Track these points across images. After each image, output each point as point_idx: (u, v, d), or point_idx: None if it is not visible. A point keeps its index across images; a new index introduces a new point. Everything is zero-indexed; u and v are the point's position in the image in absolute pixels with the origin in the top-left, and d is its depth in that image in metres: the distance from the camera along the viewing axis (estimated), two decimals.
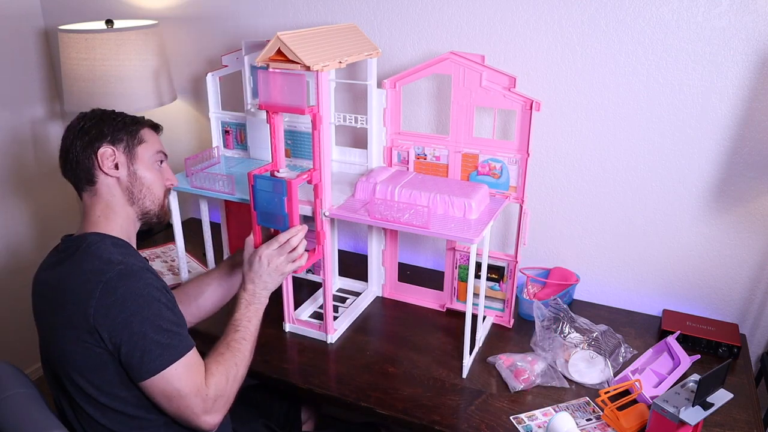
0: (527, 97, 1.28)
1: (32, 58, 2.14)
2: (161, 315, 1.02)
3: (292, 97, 1.19)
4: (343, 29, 1.34)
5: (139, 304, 1.00)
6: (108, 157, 1.14)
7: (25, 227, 2.23)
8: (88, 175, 1.15)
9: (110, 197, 1.16)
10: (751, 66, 1.29)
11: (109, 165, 1.14)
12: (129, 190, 1.17)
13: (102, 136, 1.15)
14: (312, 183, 1.27)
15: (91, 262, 1.04)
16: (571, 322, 1.35)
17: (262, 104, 1.22)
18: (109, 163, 1.14)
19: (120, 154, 1.16)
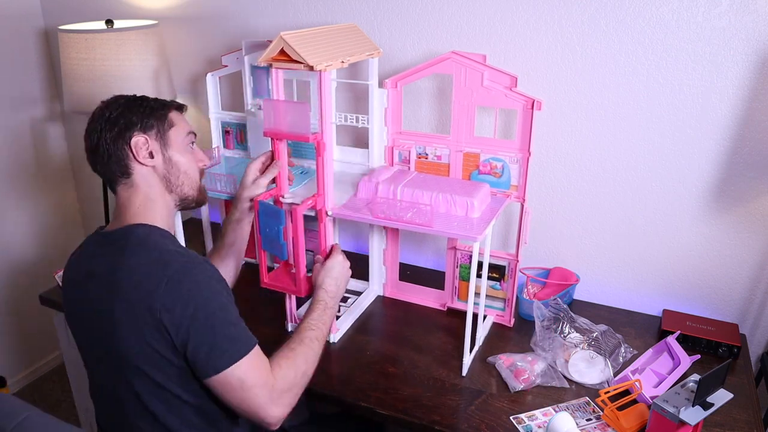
0: (529, 97, 1.28)
1: (32, 58, 2.14)
2: (227, 308, 1.01)
3: (296, 125, 1.20)
4: (344, 29, 1.34)
5: (206, 297, 0.98)
6: (142, 146, 1.09)
7: (25, 227, 2.23)
8: (122, 168, 1.09)
9: (148, 188, 1.11)
10: (751, 66, 1.29)
11: (143, 154, 1.09)
12: (166, 177, 1.12)
13: (132, 124, 1.09)
14: (317, 208, 1.28)
15: (149, 254, 1.01)
16: (571, 322, 1.35)
17: (266, 131, 1.23)
18: (143, 152, 1.09)
19: (153, 142, 1.10)
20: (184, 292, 0.97)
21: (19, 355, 2.33)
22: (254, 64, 1.55)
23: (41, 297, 1.61)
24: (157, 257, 1.00)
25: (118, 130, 1.08)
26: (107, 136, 1.08)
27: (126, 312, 0.98)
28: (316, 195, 1.27)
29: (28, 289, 2.27)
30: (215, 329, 0.98)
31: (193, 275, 0.99)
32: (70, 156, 2.32)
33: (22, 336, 2.31)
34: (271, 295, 1.62)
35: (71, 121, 2.26)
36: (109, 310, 1.00)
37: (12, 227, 2.19)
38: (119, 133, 1.08)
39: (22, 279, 2.26)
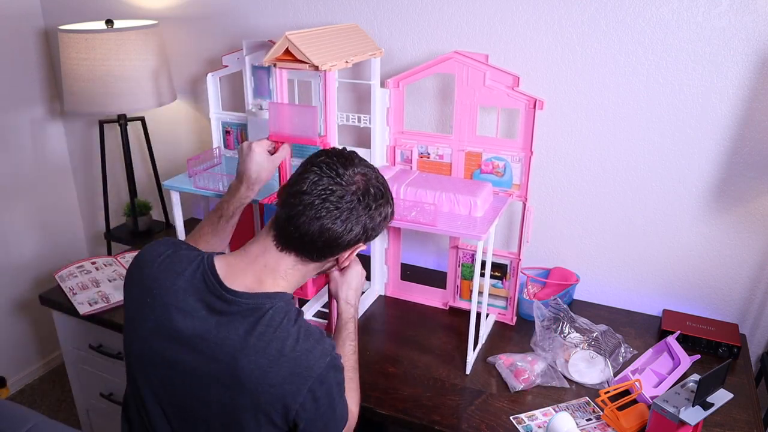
0: (531, 96, 1.28)
1: (32, 58, 2.14)
2: (342, 397, 0.97)
3: (303, 128, 1.19)
4: (345, 29, 1.35)
5: (341, 393, 0.96)
6: (352, 254, 1.02)
7: (25, 227, 2.23)
8: (325, 254, 0.97)
9: (313, 271, 1.02)
10: (751, 66, 1.30)
11: (345, 261, 1.03)
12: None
13: (367, 230, 0.97)
14: None
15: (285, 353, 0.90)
16: (571, 322, 1.35)
17: (272, 135, 1.22)
18: (347, 259, 1.03)
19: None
20: (324, 394, 0.92)
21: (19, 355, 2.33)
22: (255, 64, 1.55)
23: (41, 297, 1.61)
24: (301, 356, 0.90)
25: (371, 227, 0.97)
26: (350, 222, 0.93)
27: (245, 403, 0.90)
28: None
29: (28, 289, 2.27)
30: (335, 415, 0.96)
31: (334, 374, 0.94)
32: (70, 156, 2.31)
33: (22, 336, 2.31)
34: None
35: (71, 121, 2.26)
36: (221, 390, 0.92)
37: (12, 227, 2.19)
38: (357, 234, 0.96)
39: (22, 279, 2.26)
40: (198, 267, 0.96)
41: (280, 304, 0.94)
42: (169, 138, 2.08)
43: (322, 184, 0.93)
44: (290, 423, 0.93)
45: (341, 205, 0.93)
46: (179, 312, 0.93)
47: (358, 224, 0.95)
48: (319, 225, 0.92)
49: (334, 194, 0.93)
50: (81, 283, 1.62)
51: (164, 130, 2.08)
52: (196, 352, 0.92)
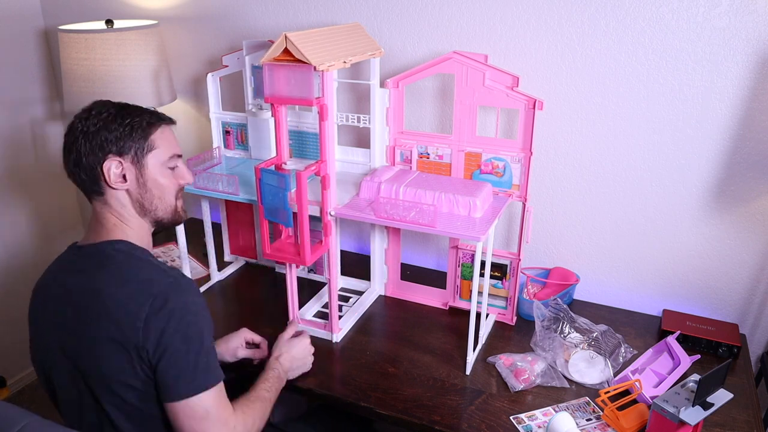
0: (530, 96, 1.28)
1: (32, 58, 2.14)
2: (203, 336, 0.99)
3: (300, 89, 1.18)
4: (346, 29, 1.35)
5: (188, 321, 0.97)
6: (114, 170, 1.04)
7: (25, 227, 2.23)
8: (94, 186, 1.06)
9: (121, 208, 1.08)
10: (751, 66, 1.30)
11: (115, 179, 1.05)
12: (139, 201, 1.08)
13: (107, 143, 1.03)
14: (320, 175, 1.27)
15: (135, 272, 1.00)
16: (571, 322, 1.35)
17: (267, 97, 1.21)
18: (115, 176, 1.05)
19: (128, 165, 1.05)
20: (168, 310, 0.96)
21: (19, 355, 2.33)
22: (255, 64, 1.55)
23: None
24: (144, 275, 0.99)
25: (91, 147, 1.03)
26: (82, 150, 1.03)
27: (108, 332, 0.97)
28: (319, 162, 1.26)
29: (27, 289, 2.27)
30: (188, 355, 0.97)
31: (180, 296, 0.98)
32: None
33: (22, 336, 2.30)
34: (273, 296, 1.62)
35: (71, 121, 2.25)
36: (89, 329, 0.98)
37: (12, 227, 2.19)
38: (92, 150, 1.03)
39: (21, 279, 2.26)
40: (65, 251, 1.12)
41: (120, 246, 1.05)
42: None
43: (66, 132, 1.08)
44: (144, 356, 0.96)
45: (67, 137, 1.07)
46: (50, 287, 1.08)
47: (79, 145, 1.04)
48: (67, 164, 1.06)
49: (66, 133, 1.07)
50: None
51: None
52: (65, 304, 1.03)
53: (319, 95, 1.20)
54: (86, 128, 1.04)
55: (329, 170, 1.27)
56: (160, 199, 1.10)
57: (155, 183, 1.09)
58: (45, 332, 1.08)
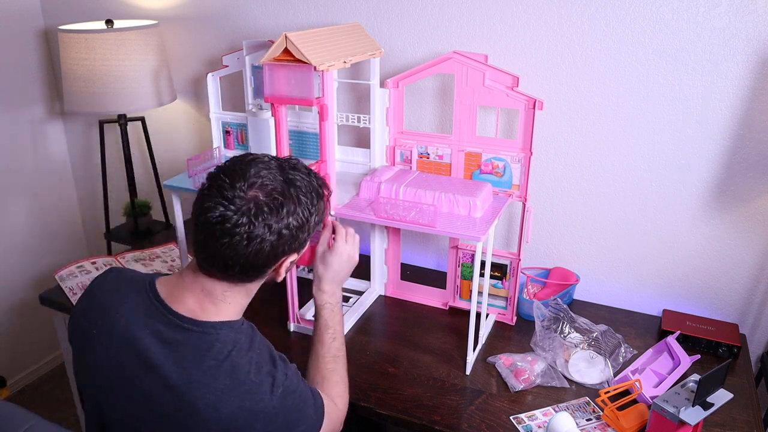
0: (530, 96, 1.28)
1: (32, 58, 2.14)
2: (308, 407, 0.96)
3: (300, 89, 1.17)
4: (347, 29, 1.35)
5: (297, 419, 0.93)
6: (288, 266, 0.94)
7: (25, 227, 2.23)
8: (255, 276, 0.93)
9: (254, 289, 0.98)
10: (751, 66, 1.30)
11: (283, 273, 0.96)
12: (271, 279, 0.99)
13: (293, 240, 0.90)
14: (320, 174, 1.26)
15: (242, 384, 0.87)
16: (571, 322, 1.35)
17: (267, 97, 1.21)
18: (284, 272, 0.95)
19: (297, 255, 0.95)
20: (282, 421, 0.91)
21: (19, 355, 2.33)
22: (255, 64, 1.55)
23: (41, 297, 1.61)
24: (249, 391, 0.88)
25: (285, 240, 0.88)
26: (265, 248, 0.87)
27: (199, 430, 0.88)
28: (319, 162, 1.26)
29: (28, 289, 2.27)
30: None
31: (289, 400, 0.92)
32: (70, 156, 2.31)
33: (22, 336, 2.31)
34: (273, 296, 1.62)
35: (71, 121, 2.26)
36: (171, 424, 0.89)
37: (12, 227, 2.19)
38: (284, 243, 0.89)
39: (22, 279, 2.26)
40: (141, 289, 0.94)
41: (227, 334, 0.91)
42: (169, 138, 2.08)
43: (215, 212, 0.85)
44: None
45: (238, 230, 0.85)
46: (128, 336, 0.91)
47: (264, 242, 0.87)
48: (225, 253, 0.86)
49: (228, 221, 0.85)
50: (81, 283, 1.62)
51: (164, 130, 2.08)
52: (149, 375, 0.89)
53: (319, 95, 1.20)
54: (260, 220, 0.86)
55: (329, 170, 1.27)
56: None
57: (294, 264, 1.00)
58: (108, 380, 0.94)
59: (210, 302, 0.93)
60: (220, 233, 0.85)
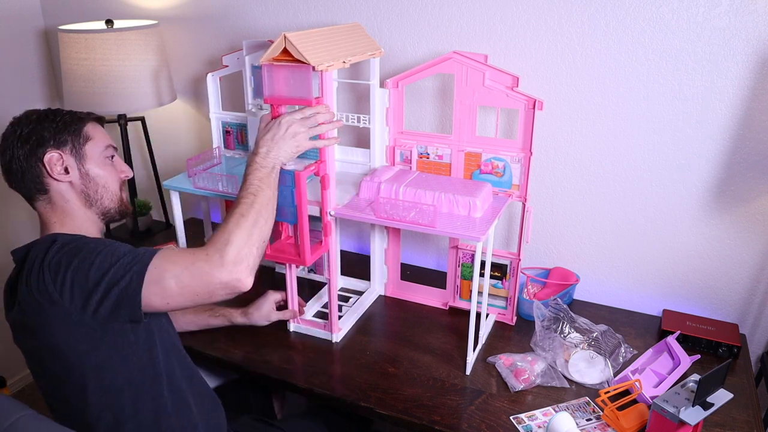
0: (530, 96, 1.28)
1: (32, 58, 2.14)
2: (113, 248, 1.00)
3: (298, 89, 1.18)
4: (347, 29, 1.34)
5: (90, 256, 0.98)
6: (56, 163, 1.08)
7: (25, 227, 2.23)
8: (38, 185, 1.10)
9: (65, 203, 1.11)
10: (751, 66, 1.30)
11: (58, 170, 1.09)
12: (84, 192, 1.12)
13: (44, 141, 1.08)
14: (319, 175, 1.27)
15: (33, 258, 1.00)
16: (571, 322, 1.35)
17: (267, 98, 1.21)
18: (58, 168, 1.09)
19: (68, 157, 1.10)
20: (63, 259, 0.97)
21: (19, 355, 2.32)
22: (255, 64, 1.55)
23: None
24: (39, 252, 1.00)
25: (30, 147, 1.07)
26: (20, 154, 1.07)
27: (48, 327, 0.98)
28: (318, 162, 1.26)
29: None
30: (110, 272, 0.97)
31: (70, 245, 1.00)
32: None
33: None
34: None
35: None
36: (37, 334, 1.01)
37: (12, 227, 2.19)
38: (31, 150, 1.08)
39: None
40: None
41: (44, 238, 1.05)
42: (169, 138, 2.08)
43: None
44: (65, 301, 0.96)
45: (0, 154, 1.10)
46: None
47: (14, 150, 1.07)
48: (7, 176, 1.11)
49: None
50: None
51: (164, 130, 2.08)
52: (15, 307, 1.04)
53: (318, 95, 1.20)
54: (19, 132, 1.08)
55: (329, 170, 1.27)
56: (105, 188, 1.14)
57: (97, 173, 1.13)
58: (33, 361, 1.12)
59: (46, 230, 1.12)
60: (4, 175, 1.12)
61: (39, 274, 0.97)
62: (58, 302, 0.96)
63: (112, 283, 0.96)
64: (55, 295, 0.96)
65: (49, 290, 0.96)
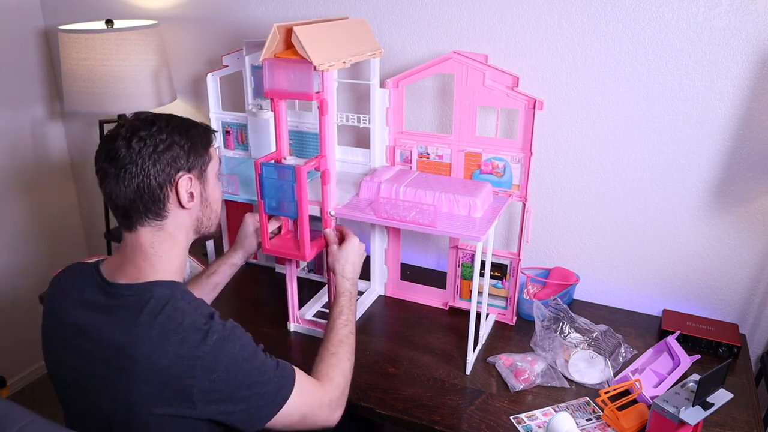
0: (530, 96, 1.28)
1: (32, 58, 2.14)
2: (264, 366, 0.95)
3: (300, 84, 1.17)
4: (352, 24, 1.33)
5: (245, 370, 0.92)
6: (187, 188, 0.97)
7: (25, 227, 2.23)
8: (159, 210, 0.96)
9: (177, 231, 0.99)
10: (751, 66, 1.30)
11: (186, 198, 0.97)
12: (199, 219, 1.02)
13: (178, 159, 0.94)
14: (319, 170, 1.26)
15: (176, 332, 0.89)
16: (571, 322, 1.35)
17: (267, 92, 1.20)
18: (187, 194, 0.97)
19: (195, 181, 0.98)
20: (223, 372, 0.90)
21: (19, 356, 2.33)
22: (255, 64, 1.55)
23: (41, 297, 1.61)
24: (187, 337, 0.90)
25: (162, 166, 0.93)
26: (150, 171, 0.93)
27: (144, 393, 0.89)
28: (319, 156, 1.25)
29: (27, 290, 2.27)
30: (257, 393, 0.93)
31: (227, 349, 0.91)
32: (70, 156, 2.31)
33: (22, 336, 2.31)
34: (273, 296, 1.62)
35: (71, 121, 2.26)
36: (119, 384, 0.91)
37: (12, 227, 2.19)
38: (163, 168, 0.94)
39: (21, 279, 2.26)
40: (87, 274, 1.01)
41: (162, 291, 0.95)
42: None
43: (103, 155, 0.96)
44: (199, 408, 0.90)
45: (117, 161, 0.93)
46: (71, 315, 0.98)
47: (136, 168, 0.93)
48: (116, 194, 0.95)
49: (103, 170, 0.95)
50: None
51: None
52: (85, 345, 0.95)
53: (319, 90, 1.20)
54: (152, 145, 0.93)
55: (329, 165, 1.27)
56: (216, 213, 1.06)
57: (214, 197, 1.04)
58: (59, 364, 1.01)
59: (143, 259, 0.98)
60: (105, 181, 0.96)
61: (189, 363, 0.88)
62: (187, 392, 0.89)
63: (251, 403, 0.93)
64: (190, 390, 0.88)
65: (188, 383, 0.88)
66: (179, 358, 0.88)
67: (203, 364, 0.89)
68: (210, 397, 0.90)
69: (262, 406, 0.94)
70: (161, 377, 0.89)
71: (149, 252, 0.98)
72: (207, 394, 0.90)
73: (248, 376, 0.93)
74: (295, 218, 1.30)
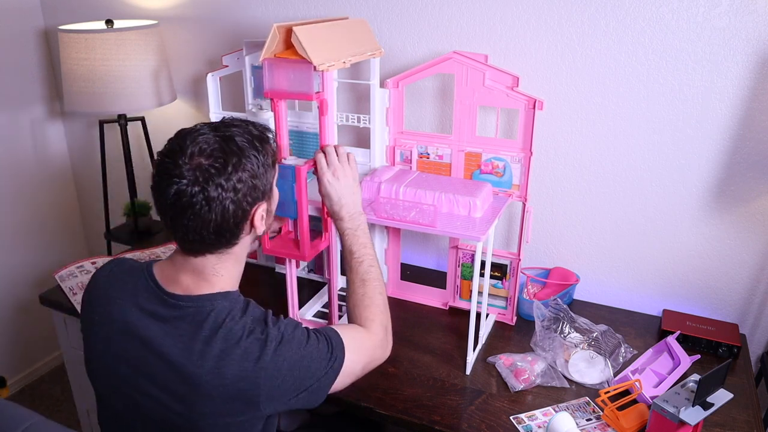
0: (530, 96, 1.28)
1: (32, 58, 2.14)
2: (319, 351, 0.96)
3: (300, 84, 1.17)
4: (352, 24, 1.33)
5: (305, 366, 0.93)
6: (261, 215, 0.94)
7: (25, 227, 2.23)
8: (231, 239, 0.93)
9: (242, 255, 0.98)
10: (751, 66, 1.30)
11: (260, 224, 0.94)
12: (258, 240, 1.02)
13: (257, 189, 0.90)
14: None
15: (238, 346, 0.89)
16: (571, 322, 1.35)
17: (267, 92, 1.20)
18: (260, 222, 0.94)
19: (266, 203, 0.95)
20: (285, 375, 0.91)
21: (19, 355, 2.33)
22: (255, 64, 1.55)
23: (41, 297, 1.61)
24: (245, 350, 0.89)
25: (242, 196, 0.88)
26: (226, 201, 0.87)
27: (208, 407, 0.89)
28: None
29: (28, 289, 2.27)
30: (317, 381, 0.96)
31: (285, 353, 0.92)
32: (70, 156, 2.32)
33: (22, 336, 2.31)
34: (273, 296, 1.62)
35: (71, 121, 2.26)
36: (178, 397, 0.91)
37: (12, 227, 2.19)
38: (242, 207, 0.89)
39: (22, 279, 2.26)
40: (139, 275, 0.98)
41: (222, 304, 0.93)
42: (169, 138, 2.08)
43: (170, 191, 0.87)
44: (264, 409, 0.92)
45: (195, 200, 0.86)
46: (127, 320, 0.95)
47: (225, 201, 0.87)
48: (193, 225, 0.88)
49: (183, 195, 0.86)
50: (81, 283, 1.62)
51: (164, 130, 2.08)
52: (152, 355, 0.92)
53: (319, 90, 1.20)
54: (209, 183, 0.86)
55: None
56: (272, 217, 1.04)
57: (276, 205, 1.02)
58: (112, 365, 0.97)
59: (202, 279, 0.95)
60: (181, 208, 0.87)
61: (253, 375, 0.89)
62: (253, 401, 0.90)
63: (313, 386, 0.95)
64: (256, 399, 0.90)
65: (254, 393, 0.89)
66: (243, 372, 0.88)
67: (266, 374, 0.90)
68: (275, 398, 0.92)
69: (324, 384, 0.97)
70: (226, 393, 0.89)
71: (211, 272, 0.95)
72: (272, 397, 0.91)
73: (309, 369, 0.95)
74: (295, 218, 1.29)
